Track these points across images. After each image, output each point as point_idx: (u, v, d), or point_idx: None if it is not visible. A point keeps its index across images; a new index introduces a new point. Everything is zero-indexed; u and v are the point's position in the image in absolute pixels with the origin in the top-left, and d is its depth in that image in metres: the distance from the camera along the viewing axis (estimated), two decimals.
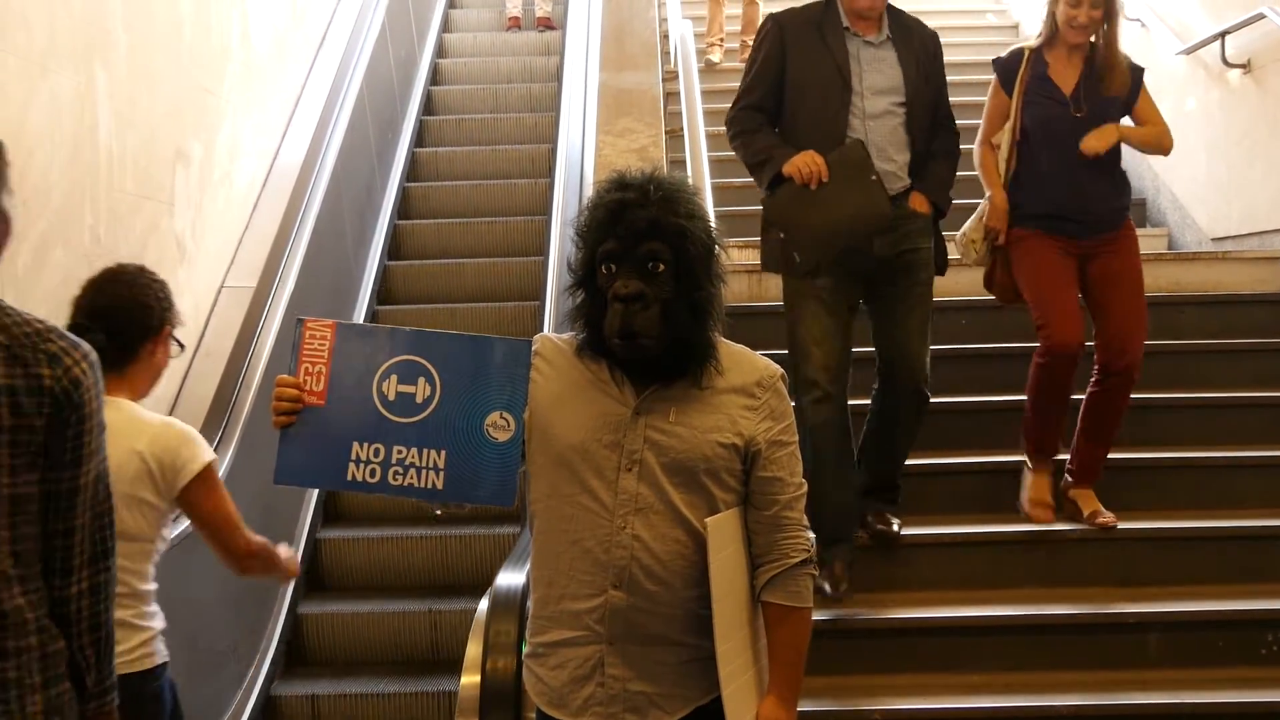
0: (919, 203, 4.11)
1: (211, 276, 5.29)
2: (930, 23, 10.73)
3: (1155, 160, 7.21)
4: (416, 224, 7.68)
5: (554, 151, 6.96)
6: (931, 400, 4.20)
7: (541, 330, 5.18)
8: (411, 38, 8.83)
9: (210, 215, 5.27)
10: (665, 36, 8.16)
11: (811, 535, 2.37)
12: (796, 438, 2.34)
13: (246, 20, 5.80)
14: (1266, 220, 6.12)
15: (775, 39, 4.08)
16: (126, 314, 2.97)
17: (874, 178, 3.91)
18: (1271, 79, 6.14)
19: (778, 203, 4.04)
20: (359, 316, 6.72)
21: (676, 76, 6.83)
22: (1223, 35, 6.37)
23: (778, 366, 2.36)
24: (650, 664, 2.24)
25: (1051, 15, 4.43)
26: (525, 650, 2.39)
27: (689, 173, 5.37)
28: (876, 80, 4.04)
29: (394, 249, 7.49)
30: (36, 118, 3.81)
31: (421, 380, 2.23)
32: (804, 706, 3.80)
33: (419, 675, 5.12)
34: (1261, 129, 6.21)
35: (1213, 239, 6.58)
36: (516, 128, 8.43)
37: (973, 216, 4.57)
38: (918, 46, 4.18)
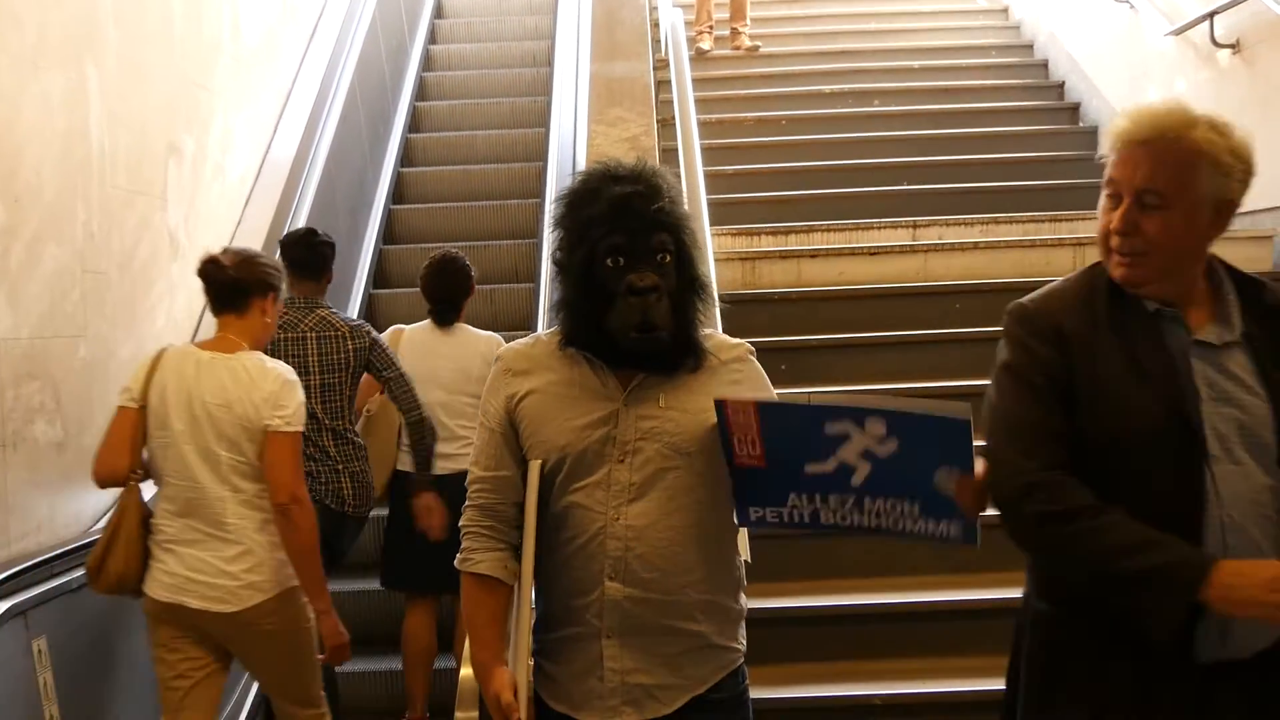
0: None
1: None
2: (918, 8, 10.72)
3: None
4: (412, 209, 7.71)
5: (546, 140, 6.97)
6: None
7: (537, 313, 5.20)
8: (402, 27, 8.82)
9: (203, 209, 5.27)
10: (656, 25, 8.16)
11: None
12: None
13: (237, 13, 5.80)
14: (1258, 199, 6.06)
15: (1051, 348, 2.18)
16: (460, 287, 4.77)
17: None
18: (1261, 58, 6.15)
19: None
20: (355, 302, 6.72)
21: (668, 65, 6.83)
22: (1211, 16, 6.38)
23: (746, 342, 2.39)
24: (648, 655, 2.25)
25: None
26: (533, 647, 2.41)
27: (681, 161, 5.38)
28: (1235, 425, 2.13)
29: (389, 234, 7.51)
30: (28, 115, 3.82)
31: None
32: (806, 692, 3.85)
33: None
34: (1252, 109, 6.22)
35: None
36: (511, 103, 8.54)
37: None
38: None
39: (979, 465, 2.14)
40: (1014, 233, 6.58)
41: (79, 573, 3.65)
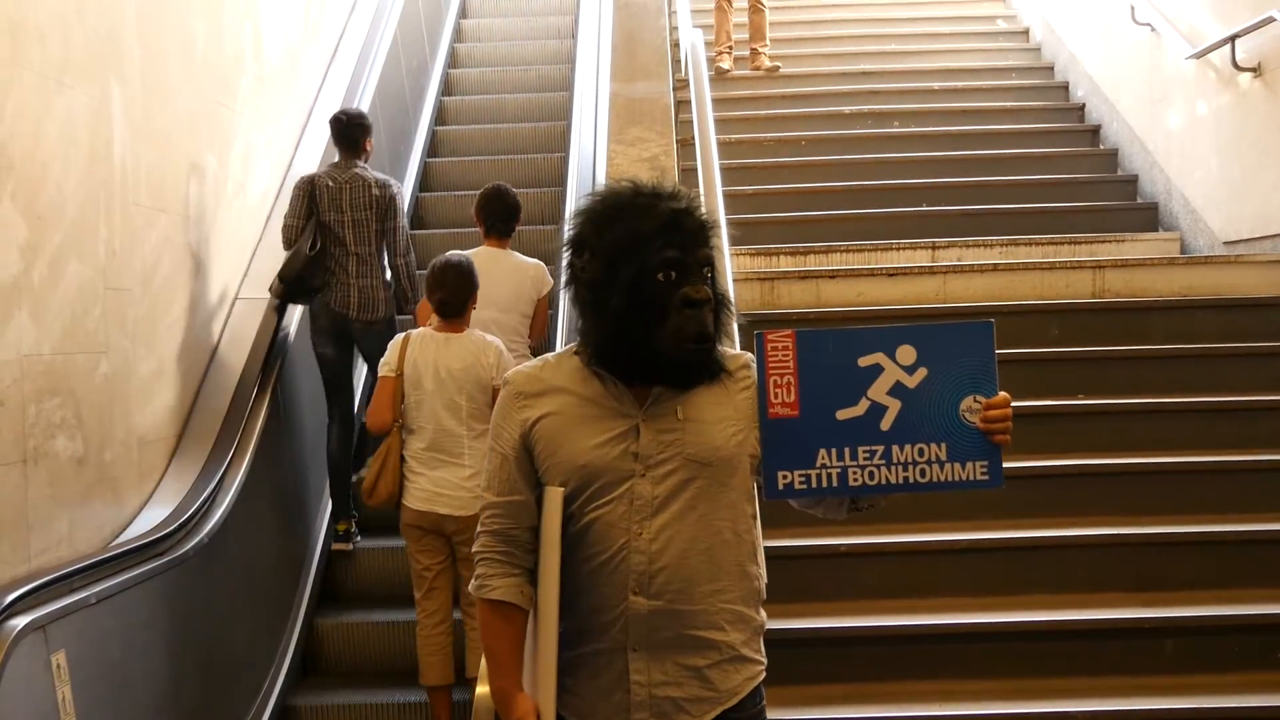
0: None
1: (225, 288, 5.31)
2: (938, 29, 10.76)
3: (1167, 164, 7.22)
4: (429, 234, 7.74)
5: (565, 161, 7.01)
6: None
7: (558, 324, 5.27)
8: (424, 48, 8.86)
9: (224, 227, 5.29)
10: (676, 45, 8.19)
11: None
12: None
13: (259, 33, 5.83)
14: (1278, 224, 6.11)
15: None
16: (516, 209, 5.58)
17: None
18: None
19: None
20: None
21: (687, 85, 6.84)
22: (1233, 39, 6.36)
23: (746, 353, 2.41)
24: (675, 668, 2.25)
25: None
26: None
27: (700, 181, 5.38)
28: None
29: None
30: (52, 132, 3.84)
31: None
32: (825, 714, 3.83)
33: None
34: (1273, 132, 6.20)
35: (1225, 243, 6.57)
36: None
37: None
38: None
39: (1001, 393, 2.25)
40: (1033, 254, 6.57)
41: (99, 587, 3.66)
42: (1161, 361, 5.46)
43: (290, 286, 5.49)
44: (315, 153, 6.37)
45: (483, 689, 2.99)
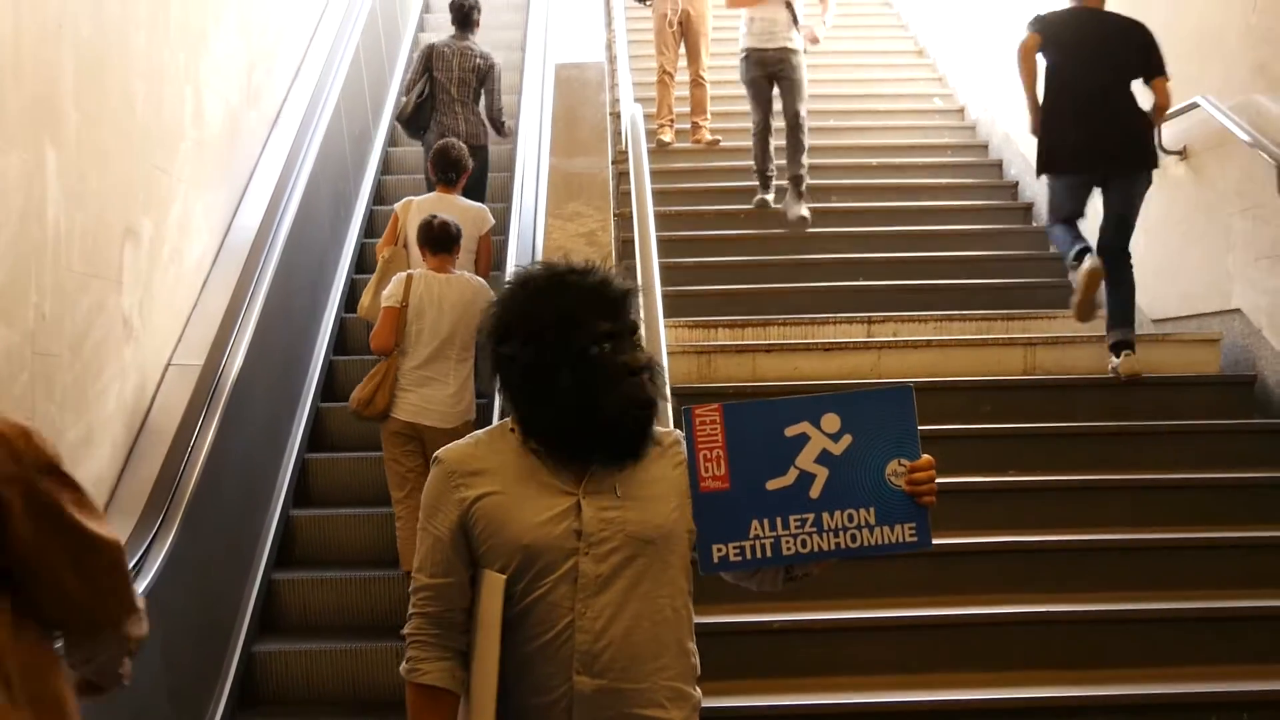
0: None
1: (158, 354, 5.25)
2: (877, 106, 10.88)
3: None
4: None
5: (505, 244, 7.06)
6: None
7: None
8: (366, 115, 8.88)
9: (159, 293, 5.24)
10: (617, 116, 8.26)
11: None
12: None
13: (200, 99, 5.82)
14: (1204, 303, 6.24)
15: None
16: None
17: None
18: (1208, 166, 6.29)
19: None
20: (304, 410, 6.65)
21: (628, 157, 6.89)
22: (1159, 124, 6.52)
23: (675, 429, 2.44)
24: None
25: None
26: None
27: (637, 253, 5.41)
28: None
29: (340, 345, 7.48)
30: None
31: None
32: None
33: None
34: (1198, 215, 6.36)
35: (1153, 320, 6.70)
36: None
37: None
38: None
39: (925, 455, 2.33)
40: (967, 330, 6.66)
41: None
42: (1091, 438, 5.55)
43: (404, 124, 7.75)
44: (254, 218, 6.33)
45: None
